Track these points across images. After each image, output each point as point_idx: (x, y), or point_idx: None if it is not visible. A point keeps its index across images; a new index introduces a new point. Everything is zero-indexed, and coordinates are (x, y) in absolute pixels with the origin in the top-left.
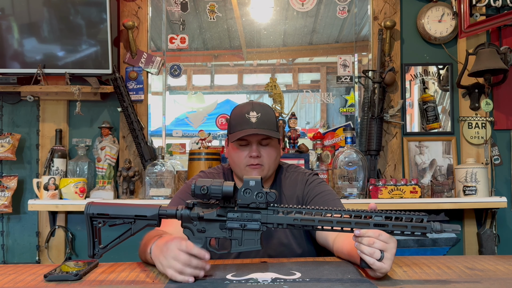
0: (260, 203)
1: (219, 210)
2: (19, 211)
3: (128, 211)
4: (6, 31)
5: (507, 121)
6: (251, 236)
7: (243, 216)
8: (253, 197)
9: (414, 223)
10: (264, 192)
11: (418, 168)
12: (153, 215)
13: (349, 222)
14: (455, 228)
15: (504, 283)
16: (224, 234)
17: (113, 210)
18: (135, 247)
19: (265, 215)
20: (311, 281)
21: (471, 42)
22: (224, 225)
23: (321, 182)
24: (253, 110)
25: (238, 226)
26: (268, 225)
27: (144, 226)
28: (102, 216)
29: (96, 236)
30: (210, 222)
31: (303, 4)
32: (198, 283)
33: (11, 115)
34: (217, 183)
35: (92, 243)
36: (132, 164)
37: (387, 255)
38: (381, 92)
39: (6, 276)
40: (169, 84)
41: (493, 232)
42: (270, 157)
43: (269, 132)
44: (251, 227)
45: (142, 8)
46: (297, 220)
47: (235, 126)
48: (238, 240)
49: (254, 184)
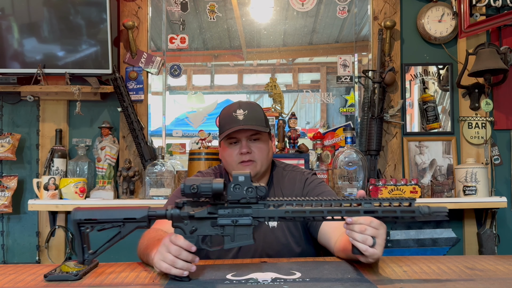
0: (250, 198)
1: (209, 207)
2: (19, 211)
3: (116, 215)
4: (6, 31)
5: (507, 121)
6: (243, 231)
7: (234, 212)
8: (243, 192)
9: (403, 208)
10: (254, 187)
11: (418, 168)
12: (142, 217)
13: (339, 211)
14: (442, 210)
15: (504, 283)
16: (216, 231)
17: (101, 214)
18: (135, 247)
19: (256, 210)
20: (311, 281)
21: (471, 42)
22: (215, 222)
23: (321, 183)
24: (240, 108)
25: (229, 222)
26: (259, 219)
27: (134, 228)
28: (90, 221)
29: (84, 242)
30: (201, 220)
31: (303, 4)
32: (198, 283)
33: (11, 115)
34: (207, 181)
35: (81, 249)
36: (132, 164)
37: (379, 241)
38: (381, 92)
39: (6, 276)
40: (169, 84)
41: (493, 232)
42: (262, 152)
43: (256, 127)
44: (242, 222)
45: (142, 8)
46: (288, 212)
47: (224, 126)
48: (230, 236)
49: (243, 179)
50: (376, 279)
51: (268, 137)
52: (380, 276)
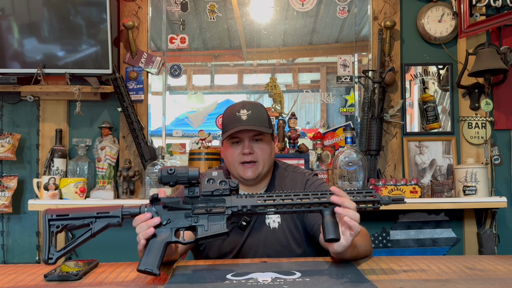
0: (224, 190)
1: (184, 198)
2: (19, 211)
3: (88, 211)
4: (6, 31)
5: (507, 121)
6: (216, 220)
7: (208, 204)
8: (217, 184)
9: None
10: (226, 180)
11: (418, 168)
12: (116, 215)
13: (308, 198)
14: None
15: (504, 283)
16: (189, 222)
17: (73, 211)
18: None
19: (229, 200)
20: (311, 281)
21: (471, 42)
22: (189, 213)
23: (322, 184)
24: (244, 108)
25: (203, 212)
26: (232, 209)
27: (106, 225)
28: (61, 218)
29: (51, 242)
30: (175, 211)
31: (303, 4)
32: (199, 283)
33: (11, 115)
34: (183, 167)
35: (47, 248)
36: (132, 164)
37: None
38: (381, 92)
39: (6, 276)
40: (169, 84)
41: (493, 232)
42: (264, 152)
43: (260, 128)
44: (216, 211)
45: (142, 8)
46: (261, 200)
47: (227, 125)
48: (204, 225)
49: (216, 174)
50: (376, 279)
51: (271, 138)
52: (380, 276)
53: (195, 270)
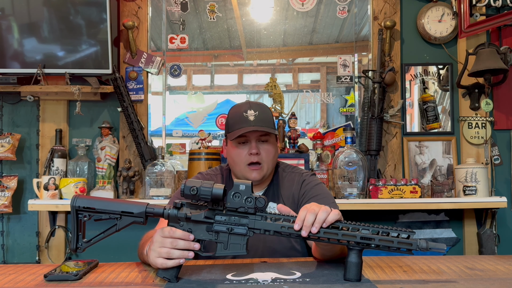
0: (248, 208)
1: (207, 212)
2: (19, 211)
3: (114, 207)
4: (6, 31)
5: (507, 121)
6: (237, 240)
7: (230, 220)
8: (242, 201)
9: (401, 239)
10: (253, 197)
11: (418, 168)
12: (139, 212)
13: (336, 233)
14: (440, 247)
15: (504, 283)
16: (210, 236)
17: (100, 204)
18: (135, 247)
19: (252, 221)
20: (311, 281)
21: (471, 42)
22: (211, 227)
23: (318, 184)
24: (251, 109)
25: (225, 230)
26: (255, 231)
27: (130, 223)
28: (88, 209)
29: (80, 230)
30: (197, 223)
31: (303, 4)
32: (198, 283)
33: (11, 115)
34: (207, 184)
35: (76, 236)
36: (132, 164)
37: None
38: (381, 92)
39: (6, 276)
40: (169, 84)
41: (493, 232)
42: (269, 154)
43: (267, 129)
44: (237, 231)
45: (142, 8)
46: (284, 228)
47: (234, 125)
48: (223, 243)
49: (244, 188)
50: (376, 279)
51: (276, 139)
52: (380, 276)
53: (195, 270)
